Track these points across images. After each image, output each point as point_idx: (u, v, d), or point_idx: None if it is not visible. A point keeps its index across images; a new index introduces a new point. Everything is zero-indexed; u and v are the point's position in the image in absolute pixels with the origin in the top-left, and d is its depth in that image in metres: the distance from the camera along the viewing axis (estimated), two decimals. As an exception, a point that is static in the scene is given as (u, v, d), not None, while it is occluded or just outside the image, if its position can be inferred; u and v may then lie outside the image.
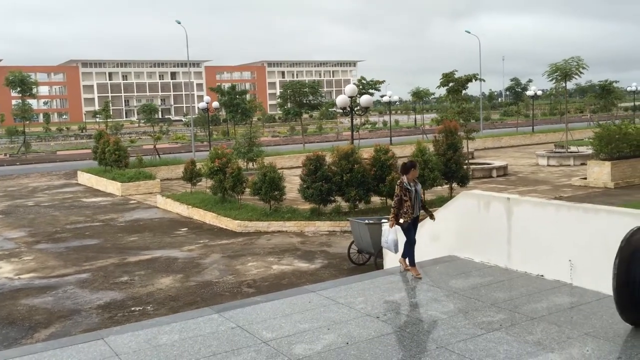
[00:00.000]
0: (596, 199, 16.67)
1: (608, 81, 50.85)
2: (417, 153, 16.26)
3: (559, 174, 23.28)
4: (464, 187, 17.23)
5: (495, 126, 60.13)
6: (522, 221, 8.08)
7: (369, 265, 11.63)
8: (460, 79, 26.09)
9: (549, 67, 27.72)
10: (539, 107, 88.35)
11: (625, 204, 13.71)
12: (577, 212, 7.58)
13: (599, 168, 19.96)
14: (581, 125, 46.11)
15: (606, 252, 6.10)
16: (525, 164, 27.47)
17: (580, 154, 26.15)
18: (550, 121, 64.14)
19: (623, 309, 5.62)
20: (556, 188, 19.77)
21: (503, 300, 6.71)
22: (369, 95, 24.54)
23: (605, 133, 20.30)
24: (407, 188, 7.69)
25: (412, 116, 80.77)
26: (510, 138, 40.41)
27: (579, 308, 6.30)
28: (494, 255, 8.32)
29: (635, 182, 19.57)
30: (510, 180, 22.60)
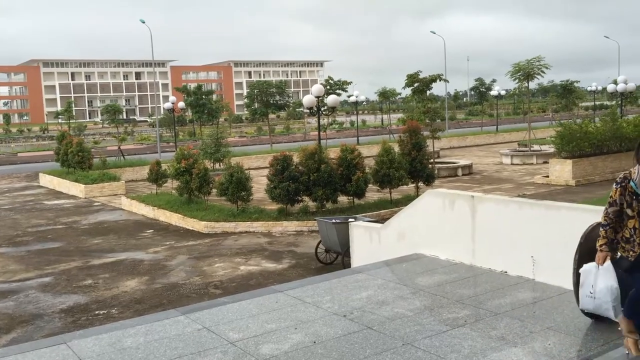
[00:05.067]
0: (558, 196, 17.05)
1: (569, 81, 52.10)
2: (383, 153, 16.40)
3: (522, 172, 23.74)
4: (429, 185, 17.43)
5: (460, 125, 60.96)
6: (486, 219, 8.21)
7: (336, 264, 11.67)
8: (425, 79, 26.40)
9: (512, 67, 28.31)
10: (503, 107, 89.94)
11: (586, 200, 14.07)
12: (539, 209, 7.74)
13: (560, 166, 20.42)
14: (544, 124, 47.06)
15: (567, 248, 6.23)
16: (490, 163, 27.93)
17: (542, 153, 26.70)
18: (514, 120, 65.33)
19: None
20: (520, 186, 20.16)
21: (468, 296, 6.80)
22: (335, 96, 24.63)
23: (567, 132, 20.76)
24: (635, 191, 4.27)
25: (379, 116, 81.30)
26: (475, 137, 41.03)
27: (541, 303, 6.42)
28: (459, 252, 8.43)
29: (595, 180, 20.08)
30: (475, 178, 22.95)
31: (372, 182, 16.79)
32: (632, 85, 34.57)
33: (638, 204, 4.29)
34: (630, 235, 4.33)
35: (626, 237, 4.37)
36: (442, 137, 34.30)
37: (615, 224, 4.43)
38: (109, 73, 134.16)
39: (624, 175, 4.40)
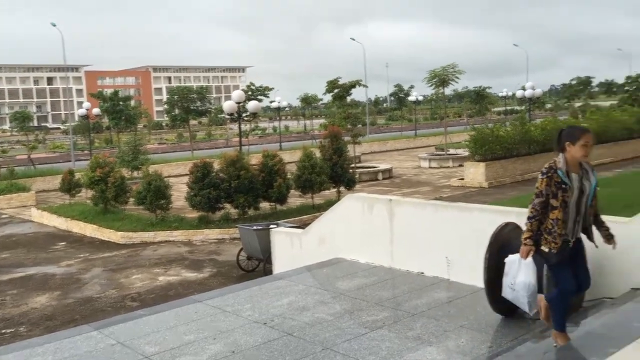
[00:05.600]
0: (472, 197, 17.70)
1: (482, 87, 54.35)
2: (304, 158, 16.46)
3: (439, 175, 24.50)
4: (351, 190, 17.65)
5: (381, 130, 62.21)
6: (403, 222, 8.39)
7: (258, 271, 11.57)
8: (345, 85, 26.81)
9: (428, 74, 29.18)
10: (421, 112, 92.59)
11: (497, 201, 14.69)
12: (453, 211, 7.99)
13: (474, 169, 21.23)
14: (459, 128, 48.80)
15: (479, 248, 6.46)
16: (409, 167, 28.65)
17: (458, 156, 27.68)
18: (431, 125, 67.37)
19: (493, 301, 5.99)
20: (437, 189, 20.79)
21: (387, 298, 6.92)
22: (256, 101, 24.52)
23: (480, 136, 21.61)
24: (562, 180, 4.20)
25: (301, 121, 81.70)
26: (395, 142, 42.00)
27: (456, 302, 6.63)
28: (379, 255, 8.56)
29: (506, 181, 21.01)
30: (395, 182, 23.46)
31: (294, 187, 16.81)
32: (539, 91, 36.50)
33: (563, 193, 4.19)
34: (552, 226, 4.25)
35: (548, 228, 4.29)
36: (363, 142, 34.91)
37: (541, 216, 4.29)
38: (17, 78, 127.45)
39: (550, 166, 4.26)
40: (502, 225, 6.46)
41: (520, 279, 4.52)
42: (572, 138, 4.26)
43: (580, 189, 4.25)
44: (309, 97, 68.98)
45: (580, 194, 4.25)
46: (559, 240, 4.25)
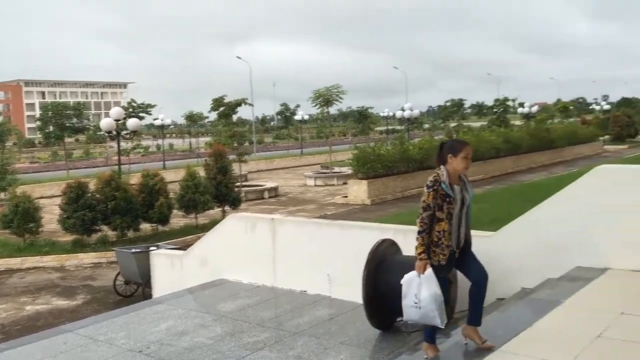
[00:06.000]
0: (355, 215, 18.15)
1: (364, 107, 56.31)
2: (187, 177, 16.09)
3: (324, 193, 24.91)
4: (236, 209, 17.48)
5: (268, 149, 62.34)
6: (286, 240, 8.40)
7: (137, 296, 11.07)
8: (231, 103, 26.66)
9: (313, 94, 29.80)
10: (307, 131, 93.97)
11: (378, 218, 15.16)
12: (334, 229, 8.13)
13: (357, 186, 21.82)
14: (344, 147, 50.05)
15: (359, 265, 6.60)
16: (295, 185, 28.89)
17: (342, 174, 28.32)
18: (317, 144, 68.55)
19: (371, 316, 6.14)
20: (322, 206, 21.11)
21: (269, 318, 6.86)
22: (136, 119, 23.70)
23: (362, 155, 22.27)
24: (447, 193, 4.31)
25: (187, 139, 79.99)
26: (281, 160, 42.24)
27: (337, 319, 6.71)
28: (262, 275, 8.50)
29: (388, 198, 21.77)
30: (281, 200, 23.55)
31: (177, 207, 16.35)
32: (417, 112, 38.46)
33: (448, 205, 4.25)
34: (439, 238, 4.27)
35: (434, 240, 4.29)
36: (250, 160, 34.81)
37: (430, 229, 4.28)
38: None
39: (434, 179, 4.28)
40: (379, 242, 6.66)
41: (425, 294, 4.32)
42: (453, 150, 4.33)
43: (462, 201, 4.34)
44: (195, 114, 67.76)
45: (462, 205, 4.35)
46: (446, 251, 4.29)
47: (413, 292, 4.38)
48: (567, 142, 36.38)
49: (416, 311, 4.38)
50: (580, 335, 4.33)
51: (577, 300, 5.14)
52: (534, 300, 5.36)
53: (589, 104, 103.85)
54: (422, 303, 4.32)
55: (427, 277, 4.31)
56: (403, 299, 4.48)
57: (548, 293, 5.49)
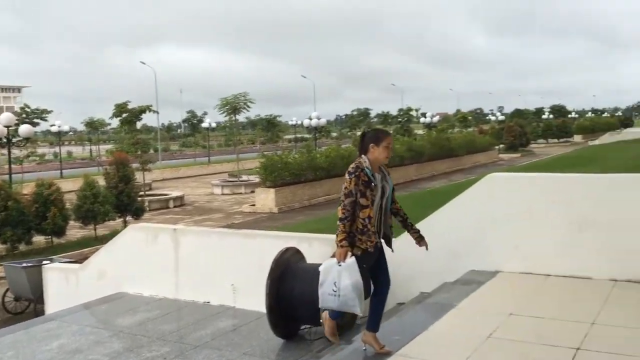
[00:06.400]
0: (262, 223, 18.08)
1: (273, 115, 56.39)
2: (86, 187, 15.38)
3: (232, 202, 24.64)
4: (139, 219, 16.90)
5: (174, 157, 60.88)
6: (189, 251, 8.21)
7: (28, 313, 10.42)
8: (134, 110, 25.81)
9: (220, 101, 29.43)
10: (215, 139, 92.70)
11: (285, 226, 15.19)
12: (238, 238, 8.05)
13: (265, 195, 21.75)
14: (253, 155, 49.81)
15: (263, 273, 6.56)
16: (202, 194, 28.38)
17: (250, 182, 28.13)
18: (225, 152, 67.77)
19: (275, 325, 6.11)
20: (229, 215, 20.85)
21: (170, 332, 6.66)
22: (29, 125, 22.38)
23: (269, 162, 22.24)
24: (369, 179, 4.24)
25: (87, 147, 76.55)
26: (188, 169, 41.39)
27: (240, 329, 6.62)
28: (163, 287, 8.25)
29: (295, 207, 21.86)
30: (187, 210, 23.04)
31: (74, 218, 15.58)
32: (324, 120, 38.95)
33: (371, 192, 4.19)
34: (364, 225, 4.18)
35: (360, 228, 4.19)
36: (155, 169, 33.82)
37: (352, 216, 4.19)
38: None
39: (356, 165, 4.23)
40: (282, 251, 6.66)
41: (346, 282, 4.19)
42: (376, 140, 4.31)
43: (382, 190, 4.29)
44: (96, 121, 64.99)
45: (382, 195, 4.29)
46: (374, 238, 4.21)
47: (332, 280, 4.28)
48: (466, 150, 38.20)
49: (334, 299, 4.30)
50: (471, 337, 4.52)
51: (470, 303, 5.38)
52: (430, 304, 5.55)
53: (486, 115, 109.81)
54: (341, 291, 4.23)
55: (348, 265, 4.21)
56: (320, 287, 4.37)
57: (444, 297, 5.70)
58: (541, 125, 65.02)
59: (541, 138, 60.95)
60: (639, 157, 20.63)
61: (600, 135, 56.14)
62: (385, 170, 4.42)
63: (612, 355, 4.07)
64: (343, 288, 4.22)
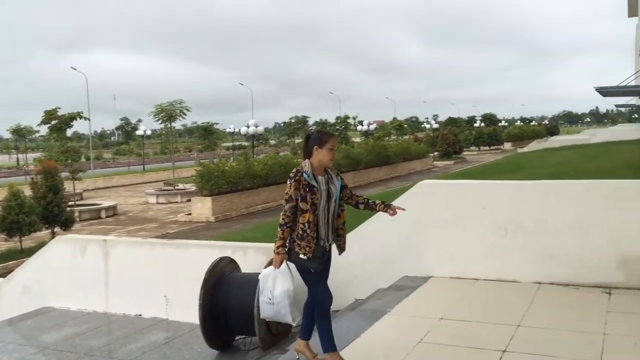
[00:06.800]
0: (199, 232, 17.78)
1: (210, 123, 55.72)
2: (10, 197, 14.69)
3: (167, 211, 24.13)
4: (68, 230, 16.29)
5: (107, 165, 59.19)
6: (119, 262, 7.98)
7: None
8: (64, 116, 24.91)
9: (155, 108, 28.84)
10: (151, 147, 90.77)
11: (222, 235, 15.00)
12: (170, 248, 7.88)
13: (201, 203, 21.42)
14: (189, 163, 49.05)
15: (196, 284, 6.44)
16: (136, 203, 27.67)
17: (186, 191, 27.66)
18: (161, 160, 66.45)
19: (209, 337, 6.01)
20: (164, 225, 20.40)
21: (99, 347, 6.44)
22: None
23: (206, 171, 21.92)
24: (309, 183, 4.17)
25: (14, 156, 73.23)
26: (121, 177, 40.30)
27: (173, 342, 6.48)
28: (92, 301, 7.98)
29: (232, 215, 21.64)
30: (120, 220, 22.39)
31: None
32: (261, 128, 38.81)
33: (312, 196, 4.09)
34: (303, 230, 4.08)
35: (299, 233, 4.09)
36: (86, 178, 32.71)
37: (293, 222, 4.11)
38: None
39: (297, 170, 4.16)
40: (216, 261, 6.57)
41: (279, 290, 4.15)
42: (320, 142, 4.22)
43: (328, 192, 4.20)
44: (23, 128, 62.25)
45: (328, 197, 4.20)
46: (312, 243, 4.09)
47: (269, 287, 4.23)
48: (402, 158, 38.93)
49: (270, 307, 4.24)
50: (403, 342, 4.59)
51: (402, 309, 5.46)
52: (364, 310, 5.60)
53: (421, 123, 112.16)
54: (275, 299, 4.19)
55: (282, 271, 4.15)
56: (260, 295, 4.32)
57: (377, 303, 5.76)
58: (473, 133, 67.08)
59: (473, 145, 62.94)
60: (563, 164, 21.60)
61: (528, 142, 58.42)
62: (332, 172, 4.31)
63: (536, 357, 4.22)
64: (276, 296, 4.19)
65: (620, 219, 5.78)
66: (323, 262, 4.20)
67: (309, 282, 4.21)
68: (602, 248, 5.80)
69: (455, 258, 6.40)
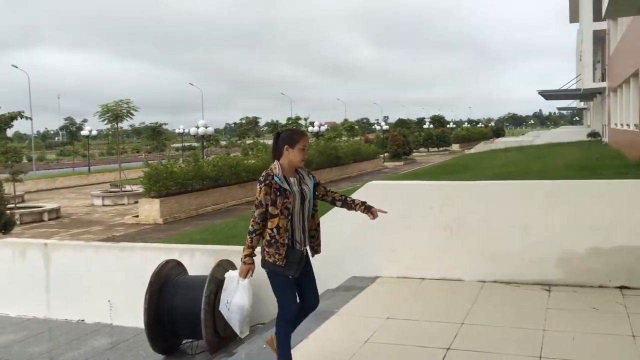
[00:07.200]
0: (146, 235, 17.42)
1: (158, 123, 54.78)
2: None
3: (113, 213, 23.55)
4: (7, 233, 15.66)
5: (50, 167, 57.33)
6: (61, 267, 7.75)
7: None
8: (4, 116, 24.00)
9: (100, 108, 28.08)
10: (97, 147, 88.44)
11: (170, 237, 14.73)
12: (115, 251, 7.70)
13: (149, 205, 20.99)
14: (137, 164, 48.06)
15: (142, 288, 6.31)
16: (81, 205, 26.91)
17: (134, 193, 27.07)
18: (108, 161, 64.88)
19: (154, 341, 5.90)
20: (110, 227, 19.90)
21: (39, 354, 6.24)
22: None
23: (154, 172, 21.49)
24: (281, 187, 3.96)
25: (-50, 156, 70.06)
26: (65, 179, 39.12)
27: (117, 347, 6.33)
28: (33, 306, 7.73)
29: (181, 217, 21.29)
30: (64, 222, 21.72)
31: None
32: (211, 129, 38.36)
33: (284, 200, 3.86)
34: (272, 237, 3.84)
35: (267, 240, 3.86)
36: (28, 179, 31.58)
37: (263, 229, 3.89)
38: None
39: (267, 173, 3.92)
40: (162, 264, 6.46)
41: (236, 300, 4.00)
42: (291, 142, 4.00)
43: (301, 194, 3.99)
44: (-41, 128, 59.65)
45: (302, 199, 3.99)
46: (282, 250, 3.85)
47: (229, 291, 4.10)
48: (352, 159, 39.21)
49: (226, 310, 4.13)
50: (350, 342, 4.61)
51: (350, 309, 5.50)
52: (312, 311, 5.59)
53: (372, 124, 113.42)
54: (231, 306, 4.08)
55: (244, 285, 4.01)
56: (222, 292, 4.19)
57: (325, 303, 5.76)
58: (422, 135, 68.18)
59: (422, 147, 63.94)
60: (508, 165, 22.21)
61: (475, 144, 59.85)
62: (303, 171, 4.11)
63: (478, 353, 4.31)
64: (233, 304, 4.06)
65: (559, 218, 5.98)
66: (301, 267, 3.98)
67: (280, 290, 3.96)
68: (543, 246, 5.98)
69: (402, 258, 6.49)
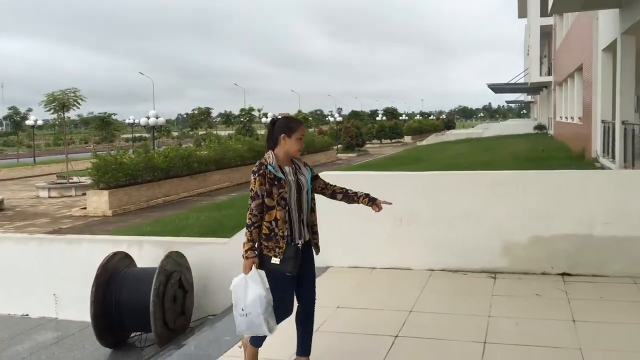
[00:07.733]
0: (94, 227, 17.02)
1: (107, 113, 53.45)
2: None
3: (60, 206, 22.90)
4: (-53, 227, 15.05)
5: (-7, 158, 55.27)
6: (4, 260, 7.51)
7: None
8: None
9: (46, 97, 27.20)
10: (43, 138, 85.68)
11: (119, 229, 14.44)
12: (60, 244, 7.51)
13: (97, 197, 20.50)
14: (85, 155, 46.79)
15: (89, 281, 6.17)
16: (26, 197, 26.06)
17: (82, 184, 26.37)
18: (55, 152, 62.92)
19: (101, 334, 5.79)
20: (57, 220, 19.34)
21: (-20, 351, 6.03)
22: None
23: (102, 163, 20.99)
24: (275, 176, 3.75)
25: None
26: (9, 170, 37.85)
27: (63, 342, 6.19)
28: (-27, 301, 7.45)
29: (131, 209, 20.88)
30: (7, 215, 20.99)
31: None
32: (162, 119, 37.64)
33: (280, 189, 3.66)
34: (270, 229, 3.63)
35: (265, 234, 3.64)
36: (-32, 170, 30.38)
37: (261, 222, 3.66)
38: None
39: (260, 163, 3.73)
40: (110, 256, 6.34)
41: (250, 297, 3.58)
42: (288, 130, 3.78)
43: (298, 184, 3.77)
44: None
45: (299, 189, 3.77)
46: (282, 243, 3.63)
47: (241, 298, 3.64)
48: (306, 150, 39.22)
49: (244, 320, 3.66)
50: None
51: (301, 299, 5.51)
52: (263, 302, 5.58)
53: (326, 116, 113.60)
54: (247, 309, 3.62)
55: (251, 276, 3.62)
56: (234, 309, 3.72)
57: (276, 294, 5.77)
58: (375, 127, 68.78)
59: (375, 138, 64.53)
60: (458, 156, 22.67)
61: (427, 136, 60.78)
62: (299, 162, 3.90)
63: (426, 340, 4.41)
64: (248, 305, 3.62)
65: (504, 207, 6.14)
66: (297, 263, 3.71)
67: (274, 290, 3.69)
68: (488, 235, 6.14)
69: (353, 248, 6.55)
